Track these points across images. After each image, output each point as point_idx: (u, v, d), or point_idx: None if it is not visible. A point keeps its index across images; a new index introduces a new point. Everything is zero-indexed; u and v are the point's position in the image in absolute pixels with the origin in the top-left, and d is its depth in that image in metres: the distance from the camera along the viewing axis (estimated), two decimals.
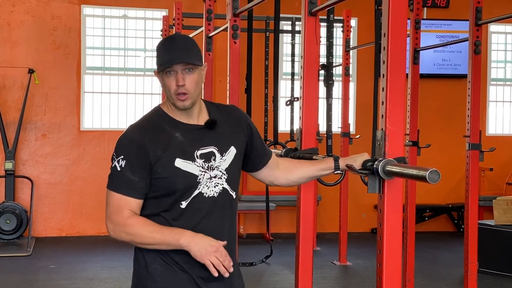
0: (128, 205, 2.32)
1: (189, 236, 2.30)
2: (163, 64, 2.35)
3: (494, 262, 6.90)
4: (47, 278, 6.59)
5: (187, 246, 2.30)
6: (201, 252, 2.29)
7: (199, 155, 2.37)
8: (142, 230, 2.32)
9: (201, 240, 2.31)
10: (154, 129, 2.36)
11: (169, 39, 2.42)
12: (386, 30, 2.45)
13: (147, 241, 2.32)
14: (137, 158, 2.31)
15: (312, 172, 2.70)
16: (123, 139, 2.36)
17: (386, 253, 2.47)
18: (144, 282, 2.41)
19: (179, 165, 2.33)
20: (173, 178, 2.33)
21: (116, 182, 2.33)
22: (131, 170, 2.31)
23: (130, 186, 2.31)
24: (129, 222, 2.32)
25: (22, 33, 8.78)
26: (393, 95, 2.45)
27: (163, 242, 2.31)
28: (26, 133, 8.79)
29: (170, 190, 2.34)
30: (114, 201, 2.33)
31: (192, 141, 2.38)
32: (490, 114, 10.17)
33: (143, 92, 9.24)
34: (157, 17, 9.15)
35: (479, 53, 5.07)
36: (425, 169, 2.18)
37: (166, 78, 2.36)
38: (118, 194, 2.32)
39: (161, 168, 2.32)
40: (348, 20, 7.69)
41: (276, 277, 6.79)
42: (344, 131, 7.61)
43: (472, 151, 5.09)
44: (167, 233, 2.31)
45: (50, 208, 8.83)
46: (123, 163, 2.31)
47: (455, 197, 9.62)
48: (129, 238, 2.34)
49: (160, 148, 2.32)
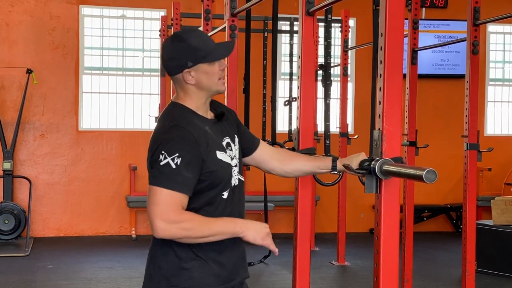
0: (181, 202, 2.32)
1: (242, 222, 2.40)
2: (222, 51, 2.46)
3: (493, 262, 6.91)
4: (45, 278, 6.59)
5: (243, 232, 2.38)
6: (257, 235, 2.40)
7: (225, 145, 2.47)
8: (198, 223, 2.34)
9: (254, 225, 2.41)
10: (192, 125, 2.39)
11: (195, 32, 2.49)
12: (383, 30, 2.45)
13: (205, 233, 2.34)
14: (191, 155, 2.32)
15: (309, 168, 2.74)
16: (174, 137, 2.34)
17: (383, 253, 2.46)
18: (178, 279, 2.42)
19: (220, 157, 2.42)
20: (219, 170, 2.41)
21: (170, 179, 2.30)
22: (187, 168, 2.31)
23: (184, 183, 2.31)
24: (185, 217, 2.32)
25: (21, 33, 8.78)
26: (390, 95, 2.45)
27: (220, 232, 2.37)
28: (25, 133, 8.78)
29: (216, 182, 2.40)
30: (167, 199, 2.29)
31: (217, 133, 2.47)
32: (488, 114, 10.17)
33: (141, 92, 9.24)
34: (156, 17, 9.15)
35: (477, 53, 5.07)
36: (422, 169, 2.18)
37: (209, 66, 2.43)
38: (171, 191, 2.30)
39: (209, 162, 2.37)
40: (346, 20, 7.69)
41: (275, 277, 6.79)
42: (343, 131, 7.61)
43: (470, 151, 5.09)
44: (221, 223, 2.38)
45: (48, 208, 8.83)
46: (179, 161, 2.29)
47: (453, 197, 9.62)
48: (186, 233, 2.33)
49: (204, 142, 2.37)
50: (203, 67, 2.42)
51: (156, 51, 9.11)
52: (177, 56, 2.42)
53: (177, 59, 2.42)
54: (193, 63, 2.40)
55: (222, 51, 2.46)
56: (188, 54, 2.40)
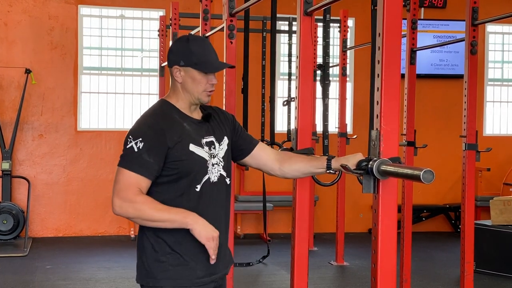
0: (138, 183, 2.48)
1: (195, 216, 2.49)
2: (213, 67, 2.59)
3: (491, 262, 6.91)
4: (44, 278, 6.58)
5: (192, 225, 2.48)
6: (205, 232, 2.48)
7: (204, 143, 2.60)
8: (150, 206, 2.47)
9: (205, 223, 2.50)
10: (167, 117, 2.57)
11: (201, 39, 2.66)
12: (381, 30, 2.45)
13: (154, 217, 2.47)
14: (155, 141, 2.49)
15: (306, 168, 2.79)
16: (141, 125, 2.55)
17: (380, 253, 2.46)
18: (155, 271, 2.57)
19: (193, 150, 2.55)
20: (189, 160, 2.53)
21: (131, 161, 2.49)
22: (148, 152, 2.48)
23: (144, 166, 2.48)
24: (138, 199, 2.47)
25: (19, 33, 8.77)
26: (388, 95, 2.45)
27: (169, 219, 2.48)
28: (23, 134, 8.78)
29: (185, 172, 2.52)
30: (126, 179, 2.49)
31: (197, 131, 2.60)
32: (487, 114, 10.17)
33: (140, 92, 9.23)
34: (154, 17, 9.15)
35: (475, 53, 5.06)
36: (419, 169, 2.17)
37: (200, 75, 2.59)
38: (131, 172, 2.48)
39: (178, 151, 2.51)
40: (345, 20, 7.69)
41: (273, 277, 6.79)
42: (341, 131, 7.60)
43: (469, 151, 5.09)
44: (174, 211, 2.49)
45: (47, 209, 8.82)
46: (141, 145, 2.49)
47: (452, 197, 9.63)
48: (136, 214, 2.48)
49: (175, 133, 2.53)
50: (192, 72, 2.59)
51: (155, 51, 9.11)
52: (176, 52, 2.62)
53: (174, 54, 2.62)
54: (184, 64, 2.59)
55: (212, 67, 2.59)
56: (184, 54, 2.59)
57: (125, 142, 2.53)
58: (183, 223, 2.48)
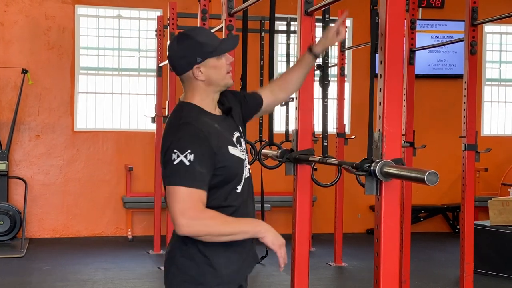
0: (201, 198, 2.35)
1: (265, 224, 2.45)
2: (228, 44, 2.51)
3: (490, 263, 6.89)
4: (41, 279, 6.55)
5: (264, 233, 2.42)
6: (276, 240, 2.43)
7: (235, 141, 2.52)
8: (218, 221, 2.38)
9: (275, 231, 2.46)
10: (201, 122, 2.42)
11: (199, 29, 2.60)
12: (383, 30, 2.43)
13: (226, 231, 2.39)
14: (204, 150, 2.35)
15: (301, 73, 2.87)
16: (183, 135, 2.37)
17: (383, 255, 2.44)
18: (207, 277, 2.46)
19: (232, 152, 2.46)
20: (232, 164, 2.45)
21: (185, 177, 2.32)
22: (200, 163, 2.33)
23: (200, 179, 2.34)
24: (205, 215, 2.35)
25: (16, 33, 8.73)
26: (391, 96, 2.43)
27: (241, 230, 2.42)
28: (20, 134, 8.74)
29: (229, 177, 2.44)
30: (186, 196, 2.32)
31: (227, 129, 2.51)
32: (485, 115, 10.16)
33: (137, 92, 9.20)
34: (152, 17, 9.11)
35: (475, 53, 5.05)
36: (423, 171, 2.16)
37: (218, 61, 2.47)
38: (189, 188, 2.32)
39: (222, 157, 2.41)
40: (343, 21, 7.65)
41: (272, 278, 6.76)
42: (339, 132, 7.58)
43: (468, 151, 5.07)
44: (243, 222, 2.45)
45: (44, 209, 8.78)
46: (191, 157, 2.32)
47: (450, 198, 9.61)
48: (207, 230, 2.36)
49: (214, 138, 2.40)
50: (211, 62, 2.46)
51: (152, 51, 9.07)
52: (186, 54, 2.46)
53: (186, 57, 2.45)
54: (202, 59, 2.45)
55: (228, 44, 2.51)
56: (197, 50, 2.45)
57: (169, 158, 2.34)
58: (255, 232, 2.41)
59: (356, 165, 2.53)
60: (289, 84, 2.86)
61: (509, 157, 9.86)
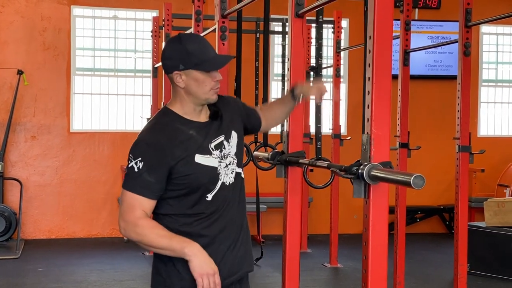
0: (141, 205, 2.39)
1: (196, 248, 2.38)
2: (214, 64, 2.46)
3: (485, 264, 6.89)
4: (36, 281, 6.53)
5: (190, 256, 2.36)
6: (200, 267, 2.36)
7: (213, 147, 2.49)
8: (151, 232, 2.39)
9: (205, 258, 2.38)
10: (169, 130, 2.44)
11: (196, 37, 2.53)
12: (371, 32, 2.42)
13: (154, 244, 2.39)
14: (155, 160, 2.38)
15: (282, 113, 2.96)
16: (140, 142, 2.44)
17: (371, 259, 2.43)
18: (172, 279, 2.47)
19: (199, 161, 2.44)
20: (196, 174, 2.42)
21: (132, 182, 2.40)
22: (148, 172, 2.38)
23: (145, 187, 2.38)
24: (140, 223, 2.38)
25: (11, 33, 8.72)
26: (379, 98, 2.42)
27: (169, 247, 2.38)
28: (15, 135, 8.73)
29: (194, 186, 2.43)
30: (128, 200, 2.40)
31: (205, 135, 2.49)
32: (481, 115, 10.16)
33: (133, 93, 9.19)
34: (147, 18, 9.11)
35: (469, 54, 5.04)
36: (409, 174, 2.15)
37: (203, 75, 2.45)
38: (132, 193, 2.39)
39: (183, 166, 2.40)
40: (339, 21, 7.66)
41: (267, 280, 6.76)
42: (335, 133, 7.57)
43: (462, 153, 5.07)
44: (175, 240, 2.39)
45: (39, 210, 8.77)
46: (141, 165, 2.38)
47: (446, 199, 9.60)
48: (138, 238, 2.40)
49: (178, 147, 2.41)
50: (194, 74, 2.45)
51: (148, 52, 9.06)
52: (171, 56, 2.47)
53: (171, 59, 2.46)
54: (184, 67, 2.44)
55: (215, 63, 2.47)
56: (181, 57, 2.44)
57: (128, 160, 2.44)
58: (182, 253, 2.36)
59: (345, 168, 2.53)
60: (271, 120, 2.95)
61: (506, 158, 9.85)
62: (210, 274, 2.37)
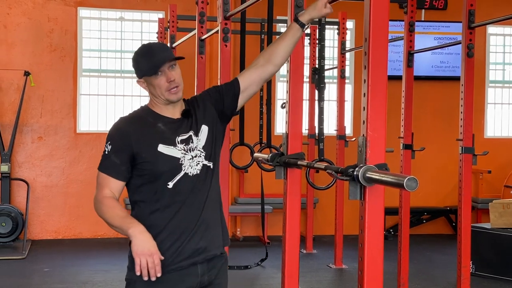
0: (108, 184, 2.66)
1: (137, 229, 2.55)
2: (153, 68, 2.66)
3: (490, 265, 6.87)
4: (41, 281, 6.57)
5: (132, 237, 2.54)
6: (137, 247, 2.52)
7: (179, 141, 2.69)
8: (110, 211, 2.61)
9: (146, 240, 2.54)
10: (138, 120, 2.72)
11: (144, 47, 2.74)
12: (367, 35, 2.44)
13: (111, 222, 2.62)
14: (120, 144, 2.65)
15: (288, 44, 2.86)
16: (112, 128, 2.72)
17: (367, 260, 2.44)
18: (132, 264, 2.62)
19: (161, 150, 2.65)
20: (157, 161, 2.64)
21: (102, 163, 2.68)
22: (115, 154, 2.65)
23: (111, 167, 2.65)
24: (105, 202, 2.64)
25: (18, 35, 8.77)
26: (375, 101, 2.44)
27: (119, 227, 2.59)
28: (22, 136, 8.77)
29: (156, 172, 2.64)
30: (99, 179, 2.69)
31: (174, 130, 2.70)
32: (488, 116, 10.13)
33: (140, 94, 9.22)
34: (154, 19, 9.13)
35: (472, 56, 5.04)
36: (403, 177, 2.15)
37: (155, 79, 2.67)
38: (101, 173, 2.68)
39: (145, 153, 2.64)
40: (344, 23, 7.67)
41: (271, 280, 6.77)
42: (340, 134, 7.57)
43: (465, 154, 5.06)
44: (125, 220, 2.59)
45: (46, 211, 8.82)
46: (109, 148, 2.66)
47: (452, 200, 9.57)
48: (101, 215, 2.64)
49: (144, 136, 2.66)
50: (149, 79, 2.69)
51: None
52: (134, 68, 2.76)
53: (134, 71, 2.76)
54: (140, 76, 2.73)
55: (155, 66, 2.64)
56: (136, 68, 2.73)
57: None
58: (127, 233, 2.55)
59: (341, 170, 2.53)
60: (277, 56, 2.84)
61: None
62: (147, 254, 2.52)
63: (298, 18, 2.85)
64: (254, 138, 6.73)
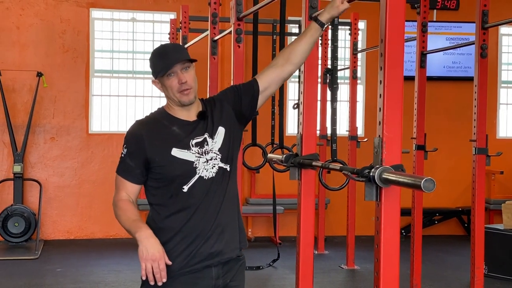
0: (124, 187, 2.70)
1: (144, 234, 2.56)
2: (164, 68, 2.65)
3: (503, 267, 6.84)
4: (54, 281, 6.59)
5: (138, 241, 2.55)
6: (144, 253, 2.53)
7: (194, 144, 2.68)
8: (123, 214, 2.65)
9: (152, 245, 2.54)
10: (154, 124, 2.72)
11: (160, 47, 2.76)
12: (383, 36, 2.43)
13: (123, 225, 2.66)
14: (135, 148, 2.67)
15: (307, 45, 2.81)
16: (128, 132, 2.75)
17: (383, 261, 2.44)
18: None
19: (175, 154, 2.65)
20: (171, 165, 2.64)
21: (119, 166, 2.72)
22: (130, 158, 2.67)
23: (127, 171, 2.69)
24: (119, 204, 2.68)
25: (31, 36, 8.81)
26: (391, 102, 2.43)
27: (129, 230, 2.62)
28: (35, 136, 8.81)
29: (169, 176, 2.64)
30: (116, 182, 2.73)
31: (188, 133, 2.69)
32: (500, 117, 10.08)
33: (151, 95, 9.24)
34: (165, 20, 9.15)
35: (485, 56, 5.02)
36: (420, 178, 2.15)
37: (167, 80, 2.67)
38: (118, 176, 2.72)
39: (159, 157, 2.65)
40: (355, 23, 7.66)
41: (283, 281, 6.77)
42: (352, 134, 7.56)
43: (479, 155, 5.04)
44: (134, 224, 2.61)
45: (58, 211, 8.85)
46: (125, 151, 2.69)
47: (465, 201, 9.54)
48: (116, 216, 2.68)
49: (158, 140, 2.66)
50: (163, 80, 2.69)
51: None
52: (150, 67, 2.76)
53: (151, 70, 2.75)
54: (155, 77, 2.73)
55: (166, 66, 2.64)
56: (152, 69, 2.73)
57: None
58: (135, 237, 2.57)
59: (357, 170, 2.53)
60: (296, 55, 2.81)
61: None
62: (152, 260, 2.53)
63: (317, 18, 2.80)
64: (265, 138, 6.73)
